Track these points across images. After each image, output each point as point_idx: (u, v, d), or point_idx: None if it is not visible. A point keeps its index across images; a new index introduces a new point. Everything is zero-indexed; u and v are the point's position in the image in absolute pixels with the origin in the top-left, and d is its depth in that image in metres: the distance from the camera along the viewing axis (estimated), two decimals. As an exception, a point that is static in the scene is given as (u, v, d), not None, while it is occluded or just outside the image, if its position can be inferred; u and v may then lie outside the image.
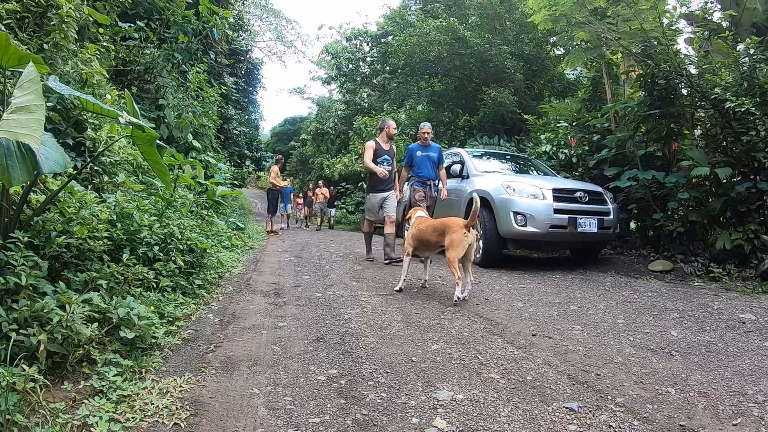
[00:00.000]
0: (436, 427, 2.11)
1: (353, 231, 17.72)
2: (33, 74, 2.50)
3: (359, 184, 22.04)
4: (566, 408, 2.33)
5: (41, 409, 1.98)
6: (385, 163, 7.45)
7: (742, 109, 6.23)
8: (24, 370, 2.02)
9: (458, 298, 4.57)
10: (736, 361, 3.14)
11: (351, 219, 20.84)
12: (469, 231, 4.68)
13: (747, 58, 6.66)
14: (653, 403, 2.43)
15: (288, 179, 22.59)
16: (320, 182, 21.36)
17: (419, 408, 2.29)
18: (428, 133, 7.62)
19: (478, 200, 4.77)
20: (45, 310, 2.35)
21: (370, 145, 7.59)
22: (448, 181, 8.65)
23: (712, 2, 8.79)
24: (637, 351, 3.29)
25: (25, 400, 1.98)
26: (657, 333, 3.72)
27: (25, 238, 2.76)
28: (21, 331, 2.25)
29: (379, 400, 2.35)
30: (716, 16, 8.55)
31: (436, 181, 7.64)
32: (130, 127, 3.15)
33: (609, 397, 2.48)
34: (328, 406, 2.29)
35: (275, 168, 13.69)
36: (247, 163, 28.41)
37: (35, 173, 2.64)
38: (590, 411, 2.31)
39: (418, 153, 7.57)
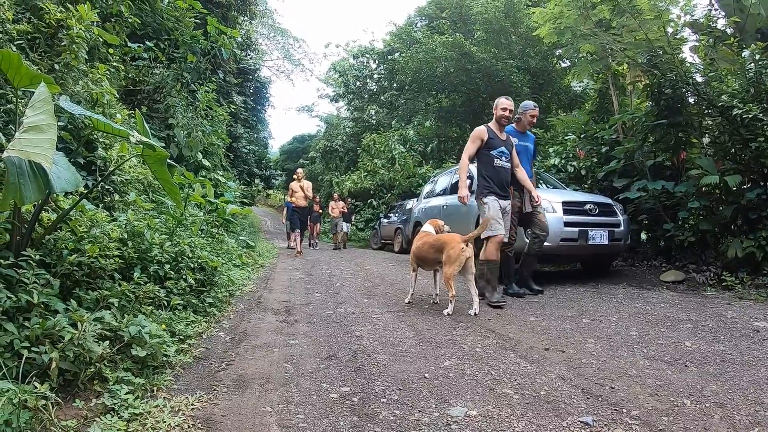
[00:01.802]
0: (449, 442, 2.09)
1: (363, 248, 17.71)
2: (45, 94, 2.53)
3: (368, 201, 22.08)
4: (581, 422, 2.30)
5: (53, 427, 1.98)
6: (503, 158, 5.54)
7: (750, 116, 6.20)
8: (36, 387, 2.02)
9: (448, 314, 4.71)
10: (752, 370, 3.09)
11: (360, 236, 20.80)
12: (467, 246, 4.72)
13: (753, 64, 6.63)
14: (669, 415, 2.39)
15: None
16: (335, 195, 19.09)
17: (433, 425, 2.26)
18: (535, 116, 6.17)
19: (488, 212, 4.81)
20: (57, 328, 2.36)
21: (479, 133, 5.52)
22: (456, 197, 8.61)
23: (716, 9, 8.78)
24: (652, 363, 3.24)
25: (36, 417, 1.97)
26: (671, 344, 3.67)
27: (37, 256, 2.78)
28: (33, 348, 2.25)
29: (392, 417, 2.32)
30: (720, 23, 8.54)
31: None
32: (141, 146, 3.18)
33: (624, 410, 2.44)
34: (341, 423, 2.26)
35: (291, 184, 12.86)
36: (257, 181, 28.61)
37: (47, 192, 2.66)
38: (605, 425, 2.28)
39: (515, 141, 5.99)
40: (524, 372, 3.04)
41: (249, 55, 21.60)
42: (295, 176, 12.80)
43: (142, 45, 8.58)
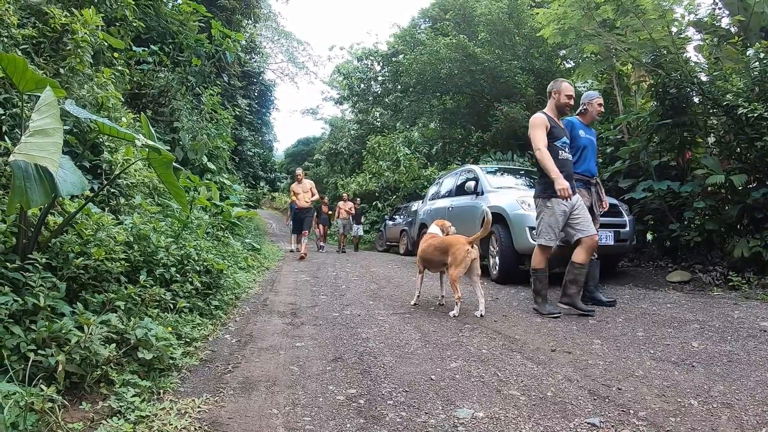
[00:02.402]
0: (456, 444, 2.08)
1: (368, 250, 17.70)
2: (50, 98, 2.54)
3: (373, 203, 22.07)
4: (588, 423, 2.29)
5: (59, 430, 1.98)
6: (566, 149, 4.98)
7: (755, 115, 6.17)
8: (42, 390, 2.03)
9: (454, 316, 4.69)
10: (759, 370, 3.08)
11: (366, 238, 20.80)
12: (472, 247, 4.71)
13: (757, 63, 6.62)
14: (676, 415, 2.38)
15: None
16: (344, 195, 18.05)
17: (440, 427, 2.25)
18: (602, 106, 5.57)
19: (490, 214, 4.79)
20: (63, 331, 2.37)
21: (540, 120, 4.87)
22: (462, 199, 8.62)
23: (720, 9, 8.77)
24: (658, 363, 3.23)
25: (43, 420, 1.97)
26: (677, 345, 3.66)
27: (43, 260, 2.79)
28: (39, 351, 2.26)
29: (399, 419, 2.32)
30: (725, 22, 8.54)
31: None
32: (147, 149, 3.19)
33: (631, 411, 2.43)
34: (348, 426, 2.26)
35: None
36: (262, 184, 28.66)
37: (53, 196, 2.67)
38: (612, 426, 2.27)
39: (582, 133, 5.34)
40: (531, 373, 3.03)
41: (253, 58, 21.65)
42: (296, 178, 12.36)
43: (146, 49, 8.63)
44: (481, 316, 4.67)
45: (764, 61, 6.50)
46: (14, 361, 2.19)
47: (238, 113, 15.05)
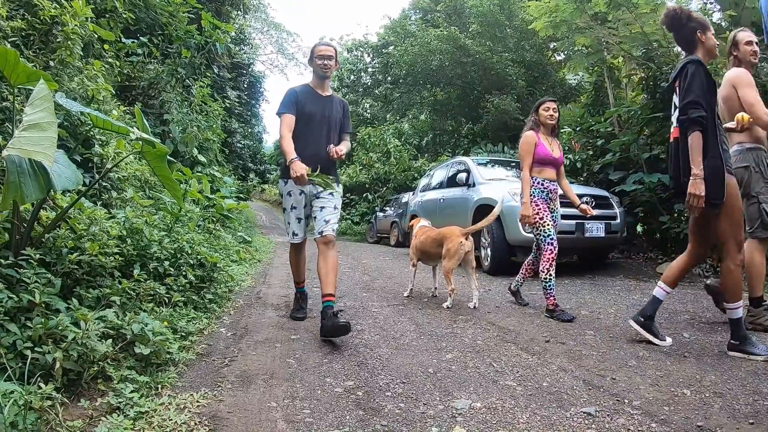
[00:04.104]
0: (455, 436, 2.10)
1: (359, 242, 17.70)
2: (44, 91, 2.51)
3: (364, 195, 22.04)
4: (584, 413, 2.32)
5: (59, 427, 1.98)
6: None
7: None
8: (40, 388, 2.02)
9: (447, 307, 4.75)
10: (750, 360, 3.13)
11: (356, 230, 20.79)
12: (466, 239, 4.74)
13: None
14: (669, 405, 2.42)
15: None
16: None
17: (438, 417, 2.27)
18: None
19: (500, 206, 4.92)
20: (60, 328, 2.35)
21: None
22: (454, 190, 8.63)
23: (711, 3, 8.82)
24: (651, 354, 3.28)
25: (42, 418, 1.97)
26: (669, 335, 3.70)
27: (37, 255, 2.76)
28: (36, 349, 2.24)
29: (397, 411, 2.33)
30: (716, 16, 8.59)
31: None
32: (141, 142, 3.17)
33: (626, 400, 2.47)
34: (347, 417, 2.27)
35: None
36: (252, 176, 28.52)
37: (48, 190, 2.65)
38: (608, 415, 2.30)
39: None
40: (526, 364, 3.06)
41: (243, 49, 21.47)
42: None
43: (135, 41, 8.53)
44: (475, 307, 4.71)
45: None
46: (11, 359, 2.17)
47: (227, 105, 14.94)
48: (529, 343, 3.53)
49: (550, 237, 4.54)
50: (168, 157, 3.47)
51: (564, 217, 6.62)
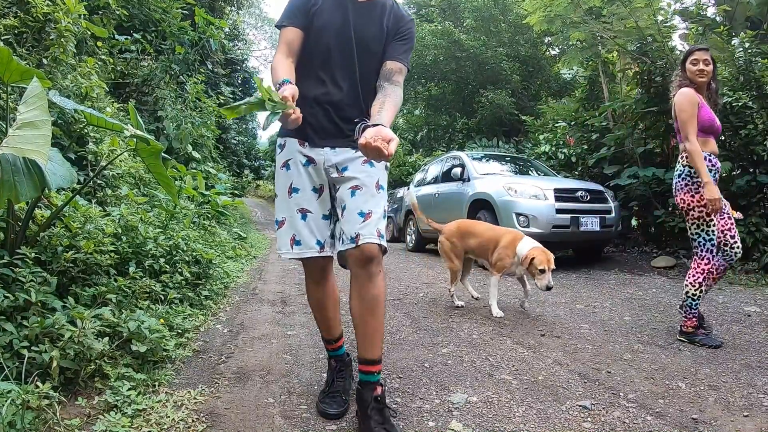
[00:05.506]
0: (452, 429, 2.11)
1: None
2: (38, 89, 2.49)
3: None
4: (579, 406, 2.34)
5: (57, 426, 1.98)
6: None
7: (740, 104, 6.27)
8: (37, 387, 2.02)
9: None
10: (744, 353, 3.17)
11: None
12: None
13: (742, 53, 6.70)
14: (665, 397, 2.44)
15: None
16: None
17: (434, 411, 2.29)
18: None
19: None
20: (56, 326, 2.35)
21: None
22: (448, 185, 8.64)
23: (705, -2, 8.83)
24: (646, 347, 3.30)
25: (40, 417, 1.97)
26: (664, 329, 3.74)
27: (33, 254, 2.76)
28: (33, 348, 2.24)
29: (394, 406, 2.34)
30: (710, 11, 8.59)
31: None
32: (135, 139, 3.16)
33: (621, 393, 2.49)
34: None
35: None
36: (247, 172, 28.43)
37: (42, 189, 2.64)
38: (603, 408, 2.32)
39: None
40: (521, 358, 3.08)
41: (236, 45, 21.37)
42: None
43: (129, 37, 8.48)
44: (477, 299, 4.74)
45: (749, 51, 6.58)
46: (7, 358, 2.17)
47: (222, 101, 14.87)
48: (525, 337, 3.55)
49: (711, 242, 3.39)
50: (162, 154, 3.46)
51: (559, 211, 6.66)
